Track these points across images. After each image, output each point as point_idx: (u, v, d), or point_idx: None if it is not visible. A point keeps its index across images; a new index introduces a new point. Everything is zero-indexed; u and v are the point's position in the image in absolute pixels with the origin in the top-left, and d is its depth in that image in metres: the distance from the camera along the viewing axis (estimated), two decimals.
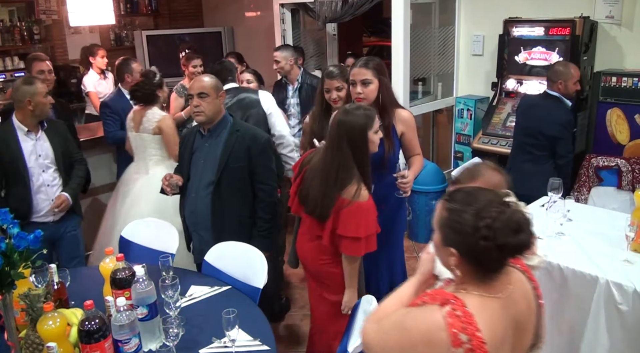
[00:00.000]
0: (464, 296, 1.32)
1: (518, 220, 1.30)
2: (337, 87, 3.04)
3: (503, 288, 1.36)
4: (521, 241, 1.30)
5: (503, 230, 1.28)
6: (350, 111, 2.38)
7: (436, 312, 1.29)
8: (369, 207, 2.31)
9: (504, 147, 4.16)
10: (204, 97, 2.70)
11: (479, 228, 1.29)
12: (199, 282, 2.46)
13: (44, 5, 6.21)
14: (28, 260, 1.77)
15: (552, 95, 3.56)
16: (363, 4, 4.70)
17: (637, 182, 3.66)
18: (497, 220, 1.28)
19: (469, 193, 1.38)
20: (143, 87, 3.59)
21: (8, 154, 3.02)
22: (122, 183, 3.78)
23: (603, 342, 2.41)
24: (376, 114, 2.42)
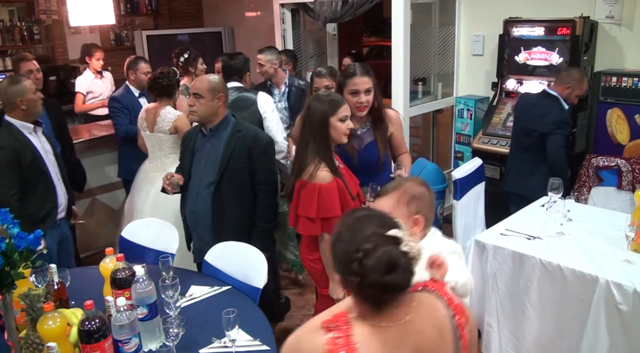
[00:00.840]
0: (356, 324, 1.30)
1: (390, 259, 1.24)
2: (326, 85, 3.05)
3: (399, 318, 1.30)
4: (393, 281, 1.24)
5: (373, 268, 1.23)
6: (318, 97, 2.46)
7: (320, 336, 1.28)
8: (328, 188, 2.33)
9: (504, 147, 4.15)
10: (198, 97, 2.70)
11: (351, 262, 1.25)
12: (199, 282, 2.46)
13: (44, 5, 6.20)
14: (28, 260, 1.77)
15: (551, 94, 3.56)
16: (363, 4, 4.70)
17: (637, 182, 3.66)
18: (368, 258, 1.24)
19: (358, 220, 1.33)
20: (167, 77, 3.60)
21: (27, 156, 2.95)
22: (140, 180, 3.78)
23: (603, 342, 2.41)
24: (344, 103, 2.44)
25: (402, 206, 1.80)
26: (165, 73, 3.63)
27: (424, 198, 1.84)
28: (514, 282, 2.71)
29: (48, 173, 3.04)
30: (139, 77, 4.23)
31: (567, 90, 3.51)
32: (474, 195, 3.55)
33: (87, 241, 4.46)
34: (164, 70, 3.68)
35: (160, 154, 3.65)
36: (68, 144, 3.88)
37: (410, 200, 1.81)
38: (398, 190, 1.84)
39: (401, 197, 1.81)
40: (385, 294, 1.27)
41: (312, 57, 5.83)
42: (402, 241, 1.27)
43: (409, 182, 1.90)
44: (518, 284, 2.70)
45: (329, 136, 2.40)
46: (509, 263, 2.72)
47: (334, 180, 2.35)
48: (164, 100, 3.59)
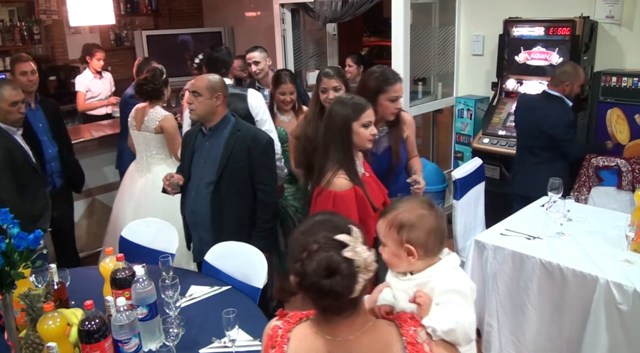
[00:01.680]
0: (303, 324, 1.36)
1: (329, 263, 1.22)
2: (334, 86, 2.99)
3: (341, 334, 1.30)
4: (329, 286, 1.22)
5: (312, 270, 1.23)
6: (341, 100, 2.38)
7: (274, 321, 1.42)
8: (344, 196, 2.24)
9: (504, 147, 4.16)
10: (197, 96, 2.71)
11: (295, 261, 1.26)
12: (199, 282, 2.46)
13: (44, 5, 6.20)
14: (28, 260, 1.77)
15: (553, 95, 3.55)
16: (363, 4, 4.70)
17: (637, 182, 3.66)
18: (309, 259, 1.24)
19: (314, 222, 1.34)
20: (152, 81, 3.61)
21: (19, 155, 2.98)
22: (126, 181, 3.81)
23: (603, 342, 2.41)
24: (368, 108, 2.34)
25: (393, 232, 1.58)
26: (149, 77, 3.63)
27: (417, 227, 1.55)
28: (514, 282, 2.71)
29: (37, 170, 3.08)
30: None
31: (567, 87, 3.52)
32: (474, 195, 3.55)
33: (87, 241, 4.46)
34: (148, 74, 3.67)
35: (145, 153, 3.65)
36: (66, 143, 3.87)
37: (400, 228, 1.57)
38: (390, 213, 1.61)
39: (392, 223, 1.58)
40: (323, 299, 1.25)
41: (312, 57, 5.82)
42: (348, 247, 1.25)
43: (405, 206, 1.61)
44: (518, 284, 2.70)
45: (351, 142, 2.31)
46: (509, 263, 2.72)
47: (352, 189, 2.26)
48: (154, 102, 3.62)
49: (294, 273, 1.27)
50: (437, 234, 1.56)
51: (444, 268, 1.57)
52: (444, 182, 4.54)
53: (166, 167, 3.59)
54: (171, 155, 3.65)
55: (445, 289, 1.49)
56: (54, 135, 3.73)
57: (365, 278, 1.25)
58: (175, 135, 3.56)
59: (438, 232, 1.56)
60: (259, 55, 4.18)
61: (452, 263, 1.59)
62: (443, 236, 1.58)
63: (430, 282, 1.51)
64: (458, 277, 1.57)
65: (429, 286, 1.51)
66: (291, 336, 1.36)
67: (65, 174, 3.80)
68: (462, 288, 1.52)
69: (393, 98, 2.67)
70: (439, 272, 1.55)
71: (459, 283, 1.54)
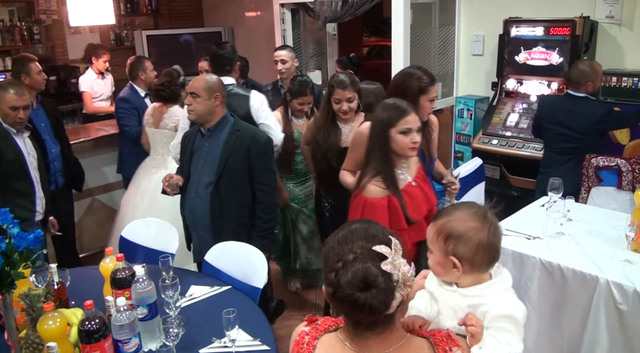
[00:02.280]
0: (332, 333, 1.30)
1: (366, 276, 1.15)
2: (348, 98, 2.93)
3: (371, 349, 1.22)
4: (364, 300, 1.15)
5: (347, 282, 1.16)
6: (384, 104, 2.33)
7: (302, 326, 1.37)
8: (374, 204, 2.17)
9: (504, 147, 4.15)
10: (195, 97, 2.71)
11: (330, 271, 1.19)
12: (199, 282, 2.46)
13: (44, 5, 6.20)
14: (28, 260, 1.77)
15: (580, 96, 3.56)
16: (363, 4, 4.70)
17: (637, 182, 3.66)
18: (345, 269, 1.17)
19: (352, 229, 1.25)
20: (169, 86, 3.67)
21: (8, 153, 2.96)
22: (140, 177, 3.81)
23: (603, 342, 2.41)
24: (409, 114, 2.22)
25: (440, 241, 1.47)
26: (167, 83, 3.67)
27: (465, 240, 1.44)
28: (514, 282, 2.68)
29: (29, 175, 3.04)
30: (149, 75, 4.25)
31: (589, 87, 3.55)
32: (474, 194, 3.55)
33: (87, 241, 4.46)
34: (165, 78, 3.70)
35: (162, 151, 3.69)
36: (65, 143, 3.89)
37: (447, 237, 1.46)
38: (440, 220, 1.50)
39: (440, 230, 1.47)
40: (357, 313, 1.18)
41: (312, 57, 5.82)
42: (387, 259, 1.17)
43: (457, 215, 1.49)
44: (518, 284, 2.69)
45: (389, 149, 2.22)
46: (509, 263, 2.71)
47: (385, 198, 2.17)
48: (170, 103, 3.68)
49: (327, 284, 1.21)
50: (486, 251, 1.45)
51: (499, 290, 1.47)
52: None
53: None
54: None
55: (499, 314, 1.41)
56: (55, 134, 3.75)
57: (402, 294, 1.18)
58: None
59: (488, 249, 1.45)
60: (286, 54, 4.08)
61: (506, 284, 1.49)
62: (494, 253, 1.47)
63: (484, 305, 1.43)
64: (513, 301, 1.48)
65: (482, 309, 1.42)
66: (318, 344, 1.30)
67: (67, 173, 3.81)
68: (517, 314, 1.44)
69: (432, 98, 2.62)
70: (493, 293, 1.46)
71: (514, 308, 1.45)
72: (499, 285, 1.48)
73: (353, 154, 2.66)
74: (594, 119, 3.52)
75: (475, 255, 1.44)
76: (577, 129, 3.54)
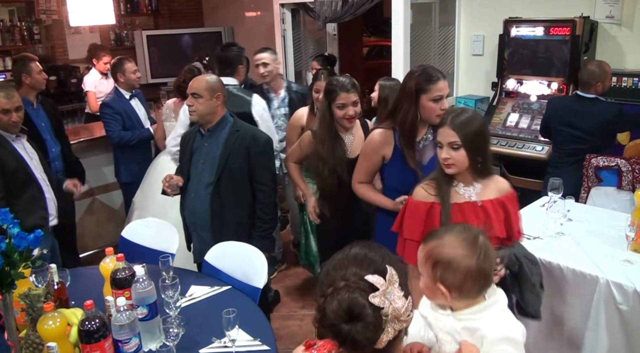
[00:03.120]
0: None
1: (351, 307, 1.08)
2: (354, 101, 2.73)
3: None
4: (348, 332, 1.07)
5: (332, 311, 1.09)
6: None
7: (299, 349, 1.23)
8: (414, 206, 2.04)
9: (504, 147, 4.15)
10: (197, 97, 2.71)
11: (320, 296, 1.13)
12: (199, 282, 2.46)
13: (44, 5, 6.20)
14: (28, 260, 1.77)
15: (589, 97, 3.56)
16: (363, 4, 4.70)
17: (637, 182, 3.66)
18: (332, 298, 1.10)
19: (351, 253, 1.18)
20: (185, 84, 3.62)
21: (11, 162, 2.86)
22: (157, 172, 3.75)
23: (603, 342, 2.41)
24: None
25: (428, 266, 1.41)
26: (188, 79, 3.63)
27: (453, 268, 1.38)
28: None
29: (35, 179, 2.95)
30: (128, 77, 4.13)
31: (599, 86, 3.54)
32: None
33: (87, 241, 4.46)
34: (186, 75, 3.69)
35: None
36: (66, 142, 3.89)
37: (435, 264, 1.40)
38: (430, 243, 1.43)
39: (429, 255, 1.41)
40: (342, 345, 1.09)
41: (312, 57, 5.82)
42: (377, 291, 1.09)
43: (447, 239, 1.42)
44: None
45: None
46: None
47: (428, 203, 2.01)
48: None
49: (316, 309, 1.15)
50: (475, 279, 1.38)
51: (494, 312, 1.42)
52: None
53: None
54: None
55: (498, 338, 1.36)
56: (56, 134, 3.75)
57: (395, 328, 1.10)
58: None
59: (477, 277, 1.38)
60: (268, 57, 3.92)
61: (501, 305, 1.44)
62: (484, 280, 1.41)
63: (481, 330, 1.37)
64: (510, 322, 1.42)
65: (478, 333, 1.37)
66: None
67: (68, 173, 3.81)
68: (515, 335, 1.39)
69: (436, 97, 2.36)
70: (488, 316, 1.40)
71: (512, 330, 1.40)
72: (494, 308, 1.42)
73: (366, 163, 2.55)
74: (604, 120, 3.52)
75: (463, 283, 1.38)
76: (586, 129, 3.54)
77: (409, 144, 2.42)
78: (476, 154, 1.99)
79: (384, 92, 3.34)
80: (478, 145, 2.00)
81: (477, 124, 2.01)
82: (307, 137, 2.99)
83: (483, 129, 2.05)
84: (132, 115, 4.08)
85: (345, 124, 2.79)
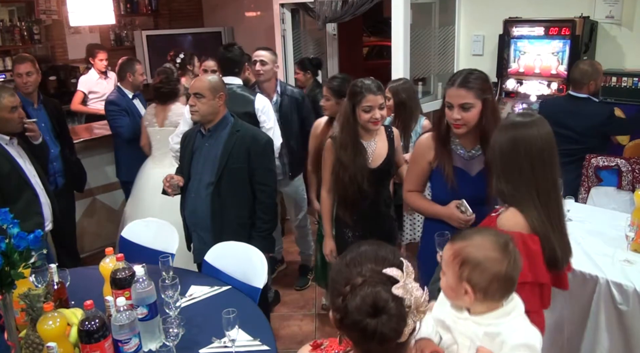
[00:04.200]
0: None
1: (375, 300, 1.08)
2: (380, 104, 2.60)
3: None
4: (374, 326, 1.07)
5: (356, 307, 1.08)
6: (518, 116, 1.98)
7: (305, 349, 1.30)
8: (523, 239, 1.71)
9: None
10: (200, 97, 2.70)
11: (337, 296, 1.12)
12: (199, 282, 2.46)
13: (44, 5, 6.20)
14: (28, 260, 1.77)
15: (582, 97, 3.55)
16: (363, 4, 4.70)
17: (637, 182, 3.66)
18: (353, 294, 1.10)
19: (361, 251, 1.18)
20: (167, 84, 3.68)
21: (5, 166, 2.82)
22: (146, 180, 3.78)
23: (603, 342, 2.41)
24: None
25: (455, 265, 1.40)
26: (164, 80, 3.67)
27: (481, 269, 1.37)
28: None
29: (30, 183, 2.93)
30: (136, 78, 4.17)
31: (592, 85, 3.54)
32: None
33: (87, 241, 4.46)
34: (161, 76, 3.70)
35: (167, 149, 3.63)
36: (68, 143, 3.89)
37: (463, 263, 1.39)
38: (459, 243, 1.43)
39: (457, 254, 1.41)
40: (368, 341, 1.10)
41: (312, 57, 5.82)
42: (398, 283, 1.10)
43: (477, 240, 1.41)
44: None
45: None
46: None
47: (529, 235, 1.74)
48: (172, 100, 3.70)
49: (334, 309, 1.14)
50: (502, 283, 1.37)
51: (515, 318, 1.40)
52: None
53: None
54: None
55: (518, 344, 1.35)
56: (56, 134, 3.74)
57: (415, 321, 1.10)
58: None
59: (504, 282, 1.37)
60: (267, 56, 3.75)
61: (520, 310, 1.42)
62: (510, 286, 1.40)
63: (501, 335, 1.36)
64: (529, 328, 1.41)
65: (499, 339, 1.36)
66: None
67: (67, 174, 3.80)
68: (534, 342, 1.38)
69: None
70: (509, 321, 1.39)
71: (532, 337, 1.38)
72: (513, 313, 1.41)
73: (414, 169, 2.39)
74: (595, 122, 3.52)
75: (489, 286, 1.38)
76: (579, 130, 3.54)
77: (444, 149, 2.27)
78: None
79: (400, 96, 3.32)
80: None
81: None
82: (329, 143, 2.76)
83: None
84: (136, 114, 4.08)
85: (370, 127, 2.63)
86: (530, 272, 1.68)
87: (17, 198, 2.85)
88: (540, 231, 1.74)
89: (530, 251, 1.70)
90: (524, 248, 1.64)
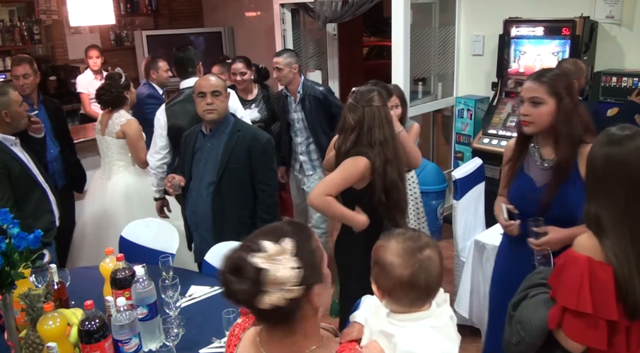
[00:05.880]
0: (256, 327, 1.29)
1: (235, 262, 1.15)
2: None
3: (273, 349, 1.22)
4: (230, 283, 1.14)
5: (225, 265, 1.17)
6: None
7: (239, 318, 1.40)
8: (573, 259, 1.57)
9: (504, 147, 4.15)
10: (218, 95, 2.70)
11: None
12: (199, 282, 2.46)
13: (44, 5, 6.21)
14: (28, 260, 1.77)
15: None
16: (363, 4, 4.70)
17: None
18: (229, 257, 1.18)
19: (271, 227, 1.25)
20: (109, 90, 3.49)
21: (16, 168, 2.81)
22: (91, 188, 3.75)
23: None
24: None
25: (371, 262, 1.42)
26: (107, 86, 3.52)
27: (384, 272, 1.35)
28: None
29: (38, 182, 2.93)
30: (161, 75, 4.33)
31: (575, 84, 3.51)
32: (474, 195, 3.55)
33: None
34: (106, 82, 3.59)
35: (108, 159, 3.58)
36: (69, 144, 3.87)
37: (373, 263, 1.40)
38: (378, 242, 1.42)
39: (373, 252, 1.41)
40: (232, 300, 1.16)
41: (312, 57, 5.82)
42: (261, 253, 1.14)
43: (390, 242, 1.39)
44: None
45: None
46: None
47: (589, 258, 1.52)
48: (116, 108, 3.52)
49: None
50: (405, 290, 1.33)
51: (421, 325, 1.34)
52: (444, 182, 4.53)
53: (128, 175, 3.55)
54: (134, 163, 3.55)
55: (404, 350, 1.30)
56: (56, 135, 3.73)
57: (280, 296, 1.11)
58: (138, 141, 3.45)
59: (407, 288, 1.33)
60: (281, 61, 3.76)
61: (433, 321, 1.35)
62: (416, 294, 1.34)
63: (395, 337, 1.32)
64: (429, 341, 1.32)
65: (394, 340, 1.32)
66: (243, 337, 1.31)
67: (67, 174, 3.79)
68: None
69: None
70: (411, 328, 1.33)
71: (422, 349, 1.31)
72: (422, 322, 1.34)
73: (504, 170, 2.38)
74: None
75: (393, 290, 1.35)
76: None
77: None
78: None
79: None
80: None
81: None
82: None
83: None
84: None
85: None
86: (592, 304, 1.47)
87: (29, 199, 2.86)
88: (618, 269, 1.48)
89: (598, 280, 1.48)
90: (589, 276, 1.48)
